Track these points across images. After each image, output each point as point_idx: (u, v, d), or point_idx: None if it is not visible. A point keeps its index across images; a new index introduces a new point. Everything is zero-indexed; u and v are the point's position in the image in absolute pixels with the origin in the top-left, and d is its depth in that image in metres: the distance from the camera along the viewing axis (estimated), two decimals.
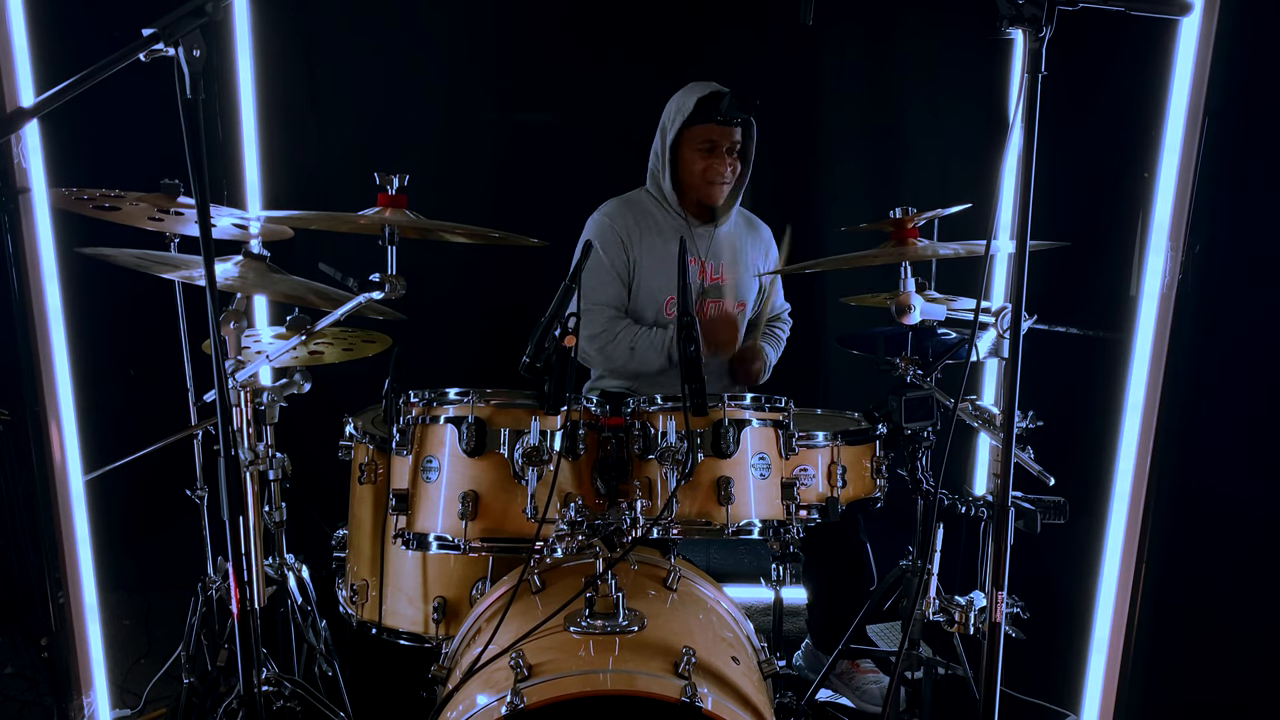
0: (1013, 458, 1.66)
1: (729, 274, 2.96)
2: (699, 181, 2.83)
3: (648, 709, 1.52)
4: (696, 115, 2.76)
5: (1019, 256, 1.58)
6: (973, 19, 3.39)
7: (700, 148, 2.80)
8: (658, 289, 2.86)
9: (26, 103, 2.15)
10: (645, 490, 2.03)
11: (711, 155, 2.80)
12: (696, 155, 2.81)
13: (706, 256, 2.93)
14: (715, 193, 2.86)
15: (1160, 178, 2.25)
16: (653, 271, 2.85)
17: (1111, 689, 2.41)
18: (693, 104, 2.75)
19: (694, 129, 2.78)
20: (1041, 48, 1.51)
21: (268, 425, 2.20)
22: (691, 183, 2.85)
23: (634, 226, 2.86)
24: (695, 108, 2.75)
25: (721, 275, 2.95)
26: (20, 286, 2.20)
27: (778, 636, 2.36)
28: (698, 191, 2.86)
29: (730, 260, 2.97)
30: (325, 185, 3.41)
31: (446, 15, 3.47)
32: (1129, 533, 2.36)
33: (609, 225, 2.86)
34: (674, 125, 2.79)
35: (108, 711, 2.48)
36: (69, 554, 2.33)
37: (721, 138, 2.78)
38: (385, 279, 1.98)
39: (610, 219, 2.87)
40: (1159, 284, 2.27)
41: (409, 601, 2.24)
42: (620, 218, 2.87)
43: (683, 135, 2.80)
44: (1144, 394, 2.31)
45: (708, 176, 2.82)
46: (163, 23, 1.37)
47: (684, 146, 2.81)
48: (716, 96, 2.74)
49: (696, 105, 2.75)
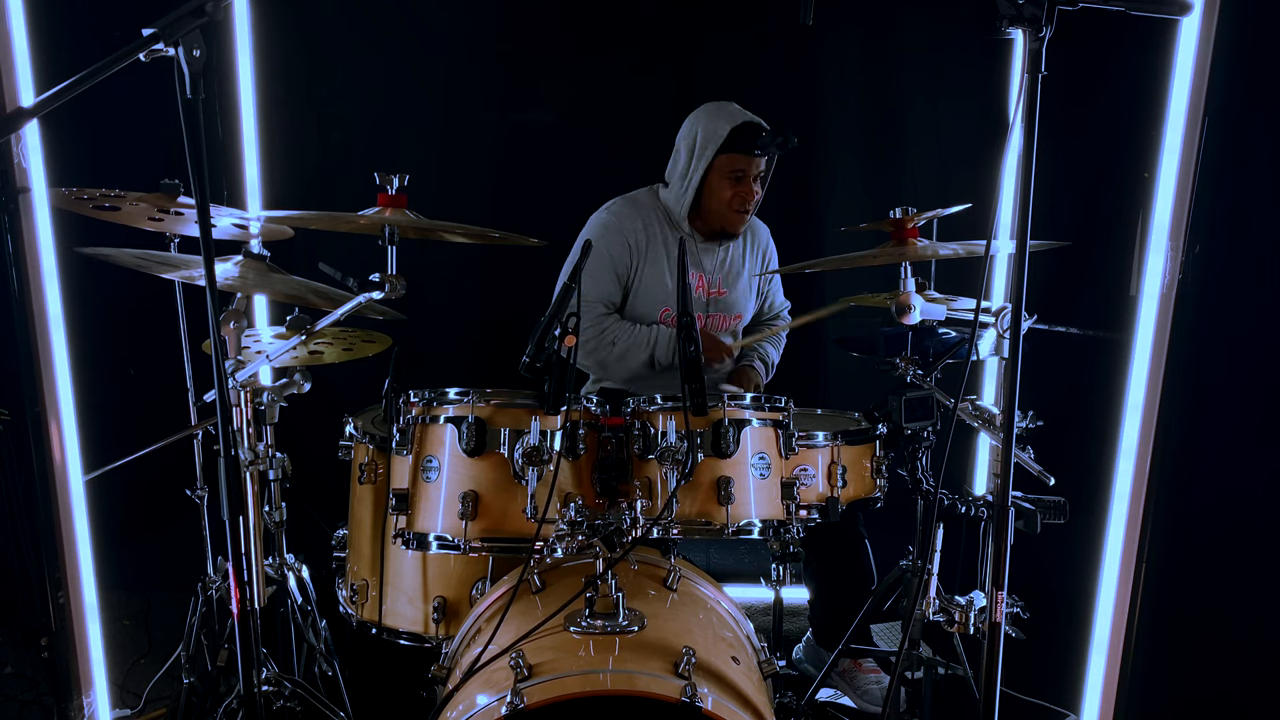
0: (1013, 458, 1.66)
1: (729, 289, 2.96)
2: (725, 209, 2.80)
3: (648, 709, 1.52)
4: (729, 144, 2.72)
5: (1019, 256, 1.58)
6: (973, 19, 3.39)
7: (730, 176, 2.76)
8: (656, 297, 2.86)
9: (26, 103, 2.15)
10: (645, 490, 2.03)
11: (740, 184, 2.77)
12: (725, 183, 2.77)
13: (708, 272, 2.93)
14: (740, 220, 2.84)
15: (1160, 178, 2.25)
16: (654, 279, 2.84)
17: (1111, 689, 2.42)
18: (726, 132, 2.71)
19: (724, 157, 2.74)
20: (1041, 48, 1.51)
21: (268, 425, 2.20)
22: (716, 209, 2.81)
23: (642, 231, 2.84)
24: (729, 136, 2.71)
25: (721, 291, 2.95)
26: (20, 286, 2.20)
27: (778, 636, 2.36)
28: (721, 219, 2.83)
29: (730, 276, 2.97)
30: (325, 185, 3.41)
31: (446, 15, 3.47)
32: (1129, 533, 2.36)
33: (617, 225, 2.84)
34: (705, 152, 2.74)
35: (108, 711, 2.48)
36: (69, 554, 2.33)
37: (752, 168, 2.76)
38: (385, 279, 1.98)
39: (618, 217, 2.86)
40: (1159, 284, 2.27)
41: (409, 601, 2.24)
42: (630, 220, 2.85)
43: (713, 162, 2.75)
44: (1144, 394, 2.31)
45: (735, 205, 2.79)
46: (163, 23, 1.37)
47: (712, 172, 2.77)
48: (751, 128, 2.71)
49: (730, 134, 2.71)
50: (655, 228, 2.86)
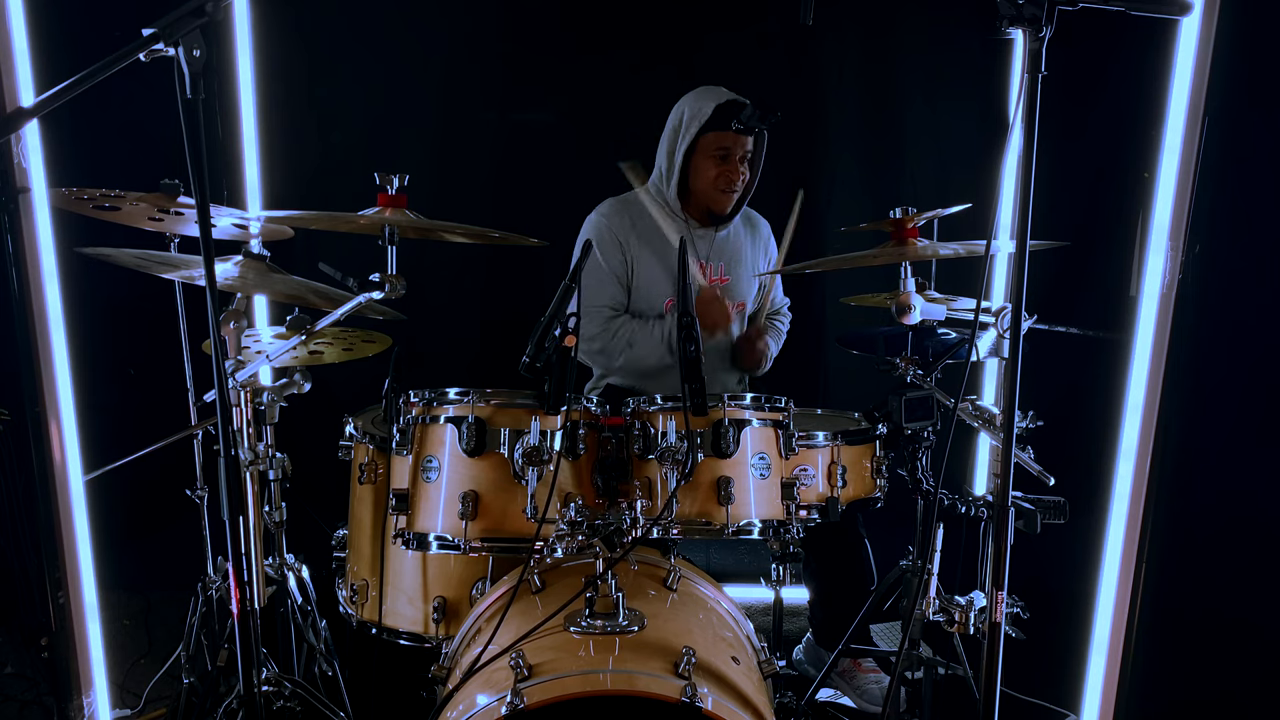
0: (1013, 458, 1.66)
1: (729, 275, 2.96)
2: (710, 188, 2.81)
3: (648, 709, 1.52)
4: (713, 122, 2.72)
5: (1019, 256, 1.58)
6: (973, 19, 3.39)
7: (714, 155, 2.76)
8: (656, 290, 2.86)
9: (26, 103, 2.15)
10: (645, 490, 2.03)
11: (725, 163, 2.77)
12: (710, 162, 2.77)
13: (707, 259, 2.93)
14: (726, 200, 2.84)
15: (1160, 178, 2.25)
16: (651, 272, 2.85)
17: (1111, 689, 2.42)
18: (710, 110, 2.71)
19: (709, 135, 2.74)
20: (1041, 48, 1.51)
21: (268, 425, 2.20)
22: (702, 189, 2.82)
23: (630, 228, 2.85)
24: (713, 114, 2.72)
25: (722, 277, 2.95)
26: (20, 286, 2.20)
27: (778, 636, 2.36)
28: (707, 198, 2.84)
29: (731, 262, 2.97)
30: (325, 185, 3.41)
31: (446, 15, 3.47)
32: (1129, 533, 2.36)
33: (605, 225, 2.85)
34: (689, 130, 2.75)
35: (108, 711, 2.48)
36: (69, 554, 2.33)
37: (736, 146, 2.76)
38: (385, 279, 1.98)
39: (607, 219, 2.86)
40: (1159, 284, 2.27)
41: (409, 601, 2.24)
42: (617, 218, 2.86)
43: (697, 142, 2.76)
44: (1144, 394, 2.31)
45: (720, 184, 2.79)
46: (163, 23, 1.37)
47: (697, 152, 2.78)
48: (735, 105, 2.71)
49: (715, 112, 2.71)
50: (645, 221, 2.86)
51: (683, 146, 2.77)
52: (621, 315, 2.85)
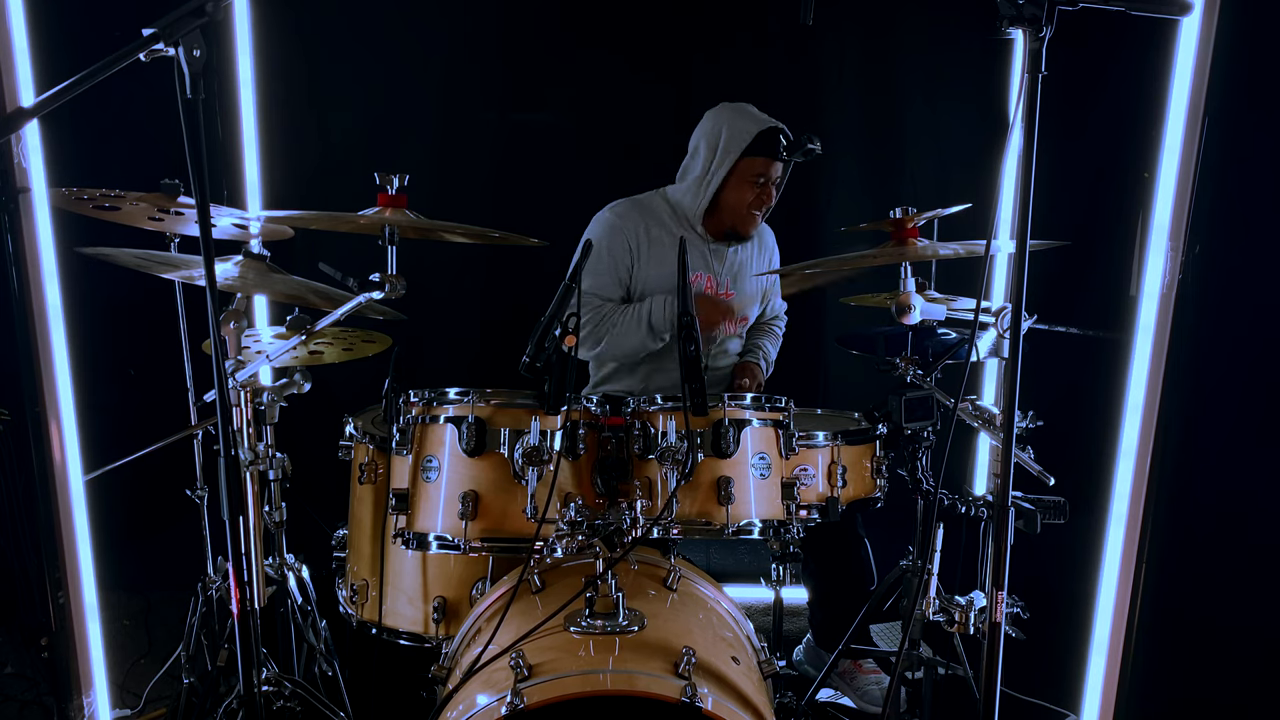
0: (1013, 458, 1.66)
1: (735, 290, 2.96)
2: (742, 210, 2.81)
3: (648, 709, 1.52)
4: (755, 148, 2.72)
5: (1019, 256, 1.58)
6: (973, 19, 3.39)
7: (752, 179, 2.76)
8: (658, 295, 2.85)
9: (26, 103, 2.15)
10: (645, 490, 2.03)
11: (761, 188, 2.78)
12: (747, 185, 2.77)
13: (719, 274, 2.92)
14: (754, 222, 2.85)
15: (1160, 178, 2.25)
16: (657, 279, 2.83)
17: (1111, 689, 2.42)
18: (753, 135, 2.71)
19: (748, 160, 2.74)
20: (1041, 48, 1.51)
21: (268, 425, 2.20)
22: (733, 209, 2.82)
23: (643, 232, 2.83)
24: (755, 140, 2.71)
25: (729, 293, 2.95)
26: (20, 286, 2.20)
27: (778, 636, 2.36)
28: (735, 218, 2.83)
29: (739, 278, 2.97)
30: (325, 185, 3.40)
31: (446, 15, 3.47)
32: (1129, 533, 2.36)
33: (618, 225, 2.83)
34: (729, 154, 2.74)
35: (108, 711, 2.48)
36: (69, 554, 2.33)
37: (773, 172, 2.77)
38: (385, 279, 1.98)
39: (620, 219, 2.84)
40: (1159, 284, 2.27)
41: (409, 601, 2.24)
42: (630, 220, 2.84)
43: (737, 164, 2.75)
44: (1144, 394, 2.31)
45: (754, 208, 2.80)
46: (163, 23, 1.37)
47: (733, 174, 2.77)
48: (776, 133, 2.72)
49: (757, 138, 2.71)
50: (658, 229, 2.85)
51: (723, 169, 2.76)
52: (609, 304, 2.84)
